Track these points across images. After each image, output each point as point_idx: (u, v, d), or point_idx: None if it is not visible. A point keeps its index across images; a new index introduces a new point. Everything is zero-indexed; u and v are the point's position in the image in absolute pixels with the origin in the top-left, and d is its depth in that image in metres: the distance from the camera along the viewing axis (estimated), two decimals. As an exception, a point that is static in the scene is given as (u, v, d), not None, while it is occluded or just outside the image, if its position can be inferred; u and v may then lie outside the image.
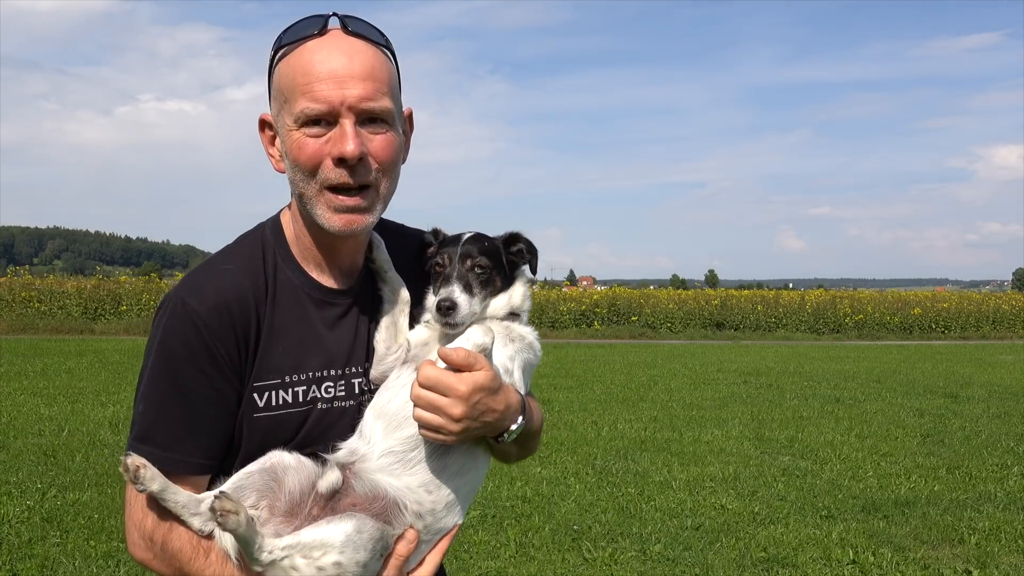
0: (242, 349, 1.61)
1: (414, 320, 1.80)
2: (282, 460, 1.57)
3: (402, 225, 1.95)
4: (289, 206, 1.77)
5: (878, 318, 30.60)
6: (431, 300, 1.74)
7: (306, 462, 1.59)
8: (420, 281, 1.80)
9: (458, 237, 1.77)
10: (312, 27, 1.60)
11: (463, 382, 1.51)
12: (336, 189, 1.60)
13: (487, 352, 1.61)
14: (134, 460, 1.50)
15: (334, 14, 1.61)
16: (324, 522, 1.50)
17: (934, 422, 11.18)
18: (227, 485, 1.55)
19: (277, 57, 1.64)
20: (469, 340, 1.61)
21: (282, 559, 1.46)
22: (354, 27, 1.61)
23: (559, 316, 27.18)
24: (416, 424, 1.57)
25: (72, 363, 15.36)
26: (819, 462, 8.65)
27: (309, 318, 1.69)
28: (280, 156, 1.67)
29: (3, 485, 6.96)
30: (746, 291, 36.29)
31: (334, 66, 1.56)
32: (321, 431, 1.67)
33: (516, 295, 1.80)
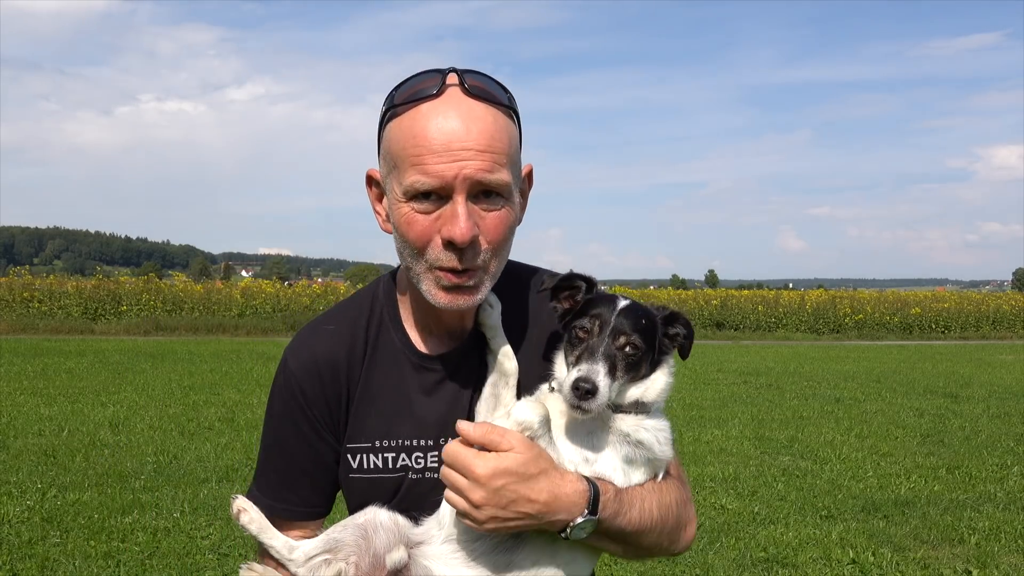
0: (334, 410, 1.62)
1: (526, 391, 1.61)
2: (376, 518, 1.56)
3: (520, 266, 1.75)
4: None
5: (878, 318, 30.61)
6: (563, 372, 1.52)
7: (401, 522, 1.57)
8: (535, 327, 1.65)
9: (612, 301, 1.52)
10: (429, 86, 1.46)
11: (482, 464, 1.36)
12: (445, 269, 1.50)
13: (531, 431, 1.41)
14: (239, 504, 1.57)
15: (452, 69, 1.48)
16: None
17: (934, 422, 11.18)
18: (321, 537, 1.57)
19: (389, 115, 1.51)
20: (511, 416, 1.43)
21: None
22: (473, 85, 1.47)
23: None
24: None
25: (72, 363, 15.36)
26: (819, 462, 8.65)
27: (405, 383, 1.63)
28: (387, 217, 1.58)
29: (3, 485, 6.96)
30: (746, 291, 36.28)
31: (449, 137, 1.42)
32: (415, 499, 1.61)
33: (656, 386, 1.54)
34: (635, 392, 1.51)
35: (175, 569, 5.26)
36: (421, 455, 1.61)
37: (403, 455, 1.61)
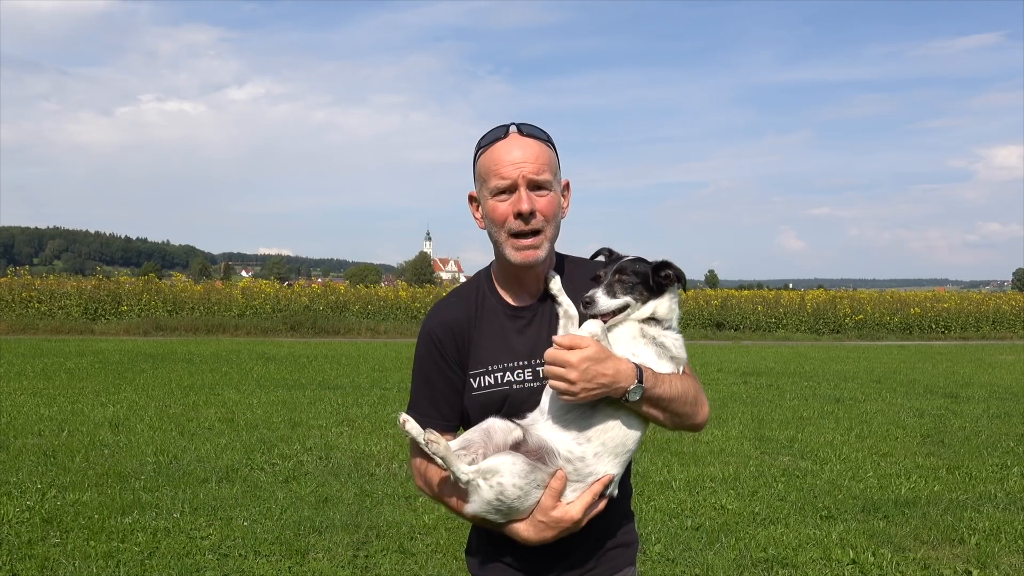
0: (462, 350, 2.41)
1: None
2: (494, 424, 2.28)
3: (583, 259, 2.57)
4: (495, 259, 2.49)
5: (878, 318, 30.62)
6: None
7: (510, 425, 2.27)
8: (582, 291, 2.38)
9: (619, 258, 2.34)
10: (499, 133, 2.33)
11: (573, 354, 2.10)
12: (517, 235, 2.29)
13: (596, 336, 2.15)
14: (403, 416, 2.25)
15: (512, 124, 2.34)
16: (493, 456, 2.17)
17: (934, 422, 11.18)
18: (458, 439, 2.26)
19: (478, 154, 2.36)
20: (584, 328, 2.21)
21: (472, 479, 2.14)
22: (526, 131, 2.33)
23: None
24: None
25: (72, 363, 15.36)
26: (819, 462, 8.65)
27: (504, 327, 2.43)
28: (481, 219, 2.39)
29: (3, 485, 6.96)
30: (746, 291, 36.29)
31: (514, 156, 2.28)
32: (519, 403, 2.35)
33: (660, 306, 2.31)
34: (647, 310, 2.29)
35: (175, 569, 5.26)
36: (520, 371, 2.37)
37: (507, 373, 2.37)
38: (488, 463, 2.16)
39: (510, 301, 2.46)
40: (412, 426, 2.24)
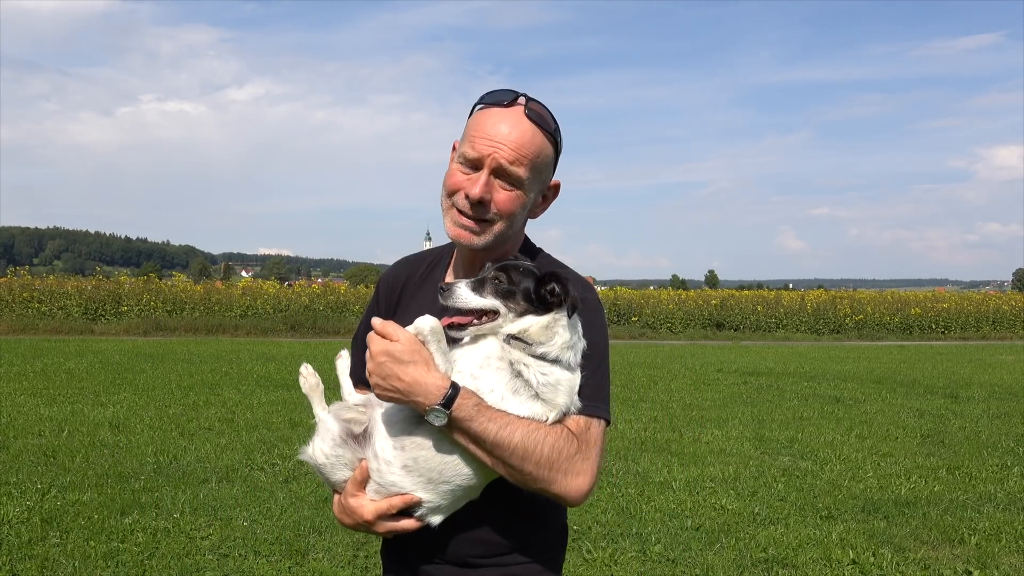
0: (390, 308, 2.32)
1: None
2: None
3: (561, 264, 2.26)
4: None
5: (878, 318, 30.62)
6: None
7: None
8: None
9: (511, 261, 2.02)
10: (504, 97, 2.07)
11: (374, 343, 1.90)
12: (461, 211, 2.07)
13: (421, 336, 1.88)
14: (342, 352, 2.31)
15: (525, 95, 2.07)
16: (329, 416, 2.09)
17: (934, 422, 11.18)
18: (363, 395, 2.15)
19: (476, 108, 2.11)
20: (416, 322, 1.91)
21: (316, 424, 2.10)
22: (532, 111, 2.05)
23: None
24: None
25: (72, 363, 15.36)
26: (819, 462, 8.65)
27: (435, 300, 2.08)
28: None
29: (3, 485, 6.96)
30: (746, 291, 36.31)
31: (497, 132, 2.01)
32: None
33: (535, 325, 1.89)
34: (517, 325, 1.90)
35: (175, 569, 5.26)
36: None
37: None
38: (322, 418, 2.10)
39: (449, 278, 2.26)
40: (341, 363, 2.29)
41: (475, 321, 1.92)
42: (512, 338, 1.90)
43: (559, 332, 1.90)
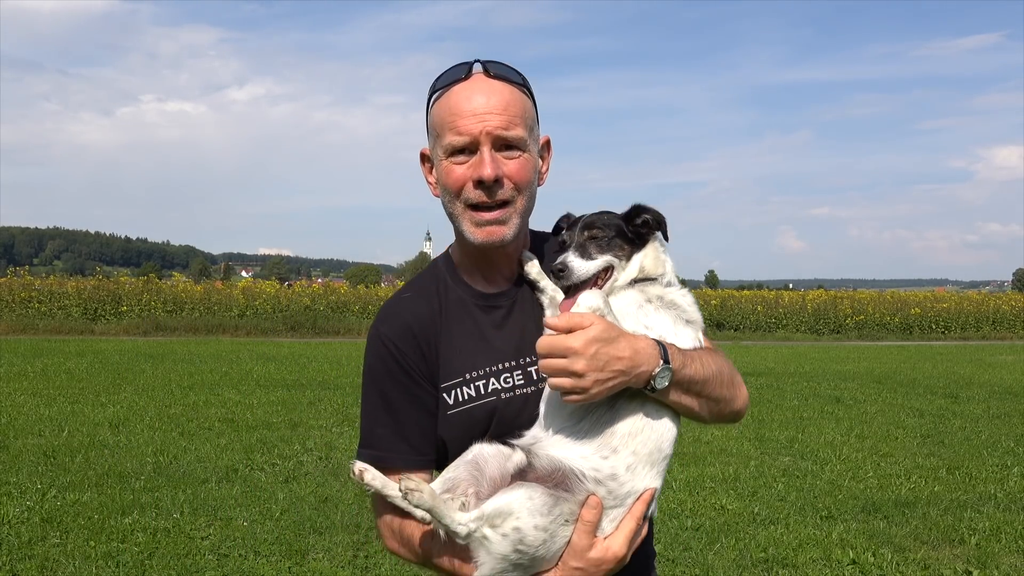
0: (429, 359, 1.90)
1: None
2: (482, 451, 1.78)
3: (540, 233, 2.13)
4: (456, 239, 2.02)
5: (878, 318, 30.61)
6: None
7: (504, 450, 1.78)
8: None
9: (582, 216, 1.92)
10: (459, 73, 1.86)
11: (575, 338, 1.61)
12: (477, 207, 1.83)
13: (599, 311, 1.69)
14: (358, 465, 1.75)
15: (477, 61, 1.87)
16: (500, 493, 1.66)
17: (934, 422, 11.18)
18: (438, 480, 1.77)
19: (432, 100, 1.90)
20: (580, 303, 1.72)
21: (475, 531, 1.62)
22: (494, 70, 1.86)
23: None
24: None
25: (72, 363, 15.36)
26: (819, 462, 8.65)
27: (478, 323, 1.94)
28: (436, 184, 1.92)
29: (3, 485, 6.96)
30: (746, 292, 36.29)
31: (475, 104, 1.81)
32: (511, 417, 1.87)
33: (647, 259, 1.88)
34: (634, 266, 1.87)
35: (175, 570, 5.26)
36: (508, 375, 1.88)
37: (491, 379, 1.88)
38: (493, 504, 1.64)
39: (479, 288, 1.97)
40: (373, 475, 1.74)
41: (599, 282, 1.85)
42: (636, 281, 1.88)
43: (666, 257, 1.92)
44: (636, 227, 1.88)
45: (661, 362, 1.68)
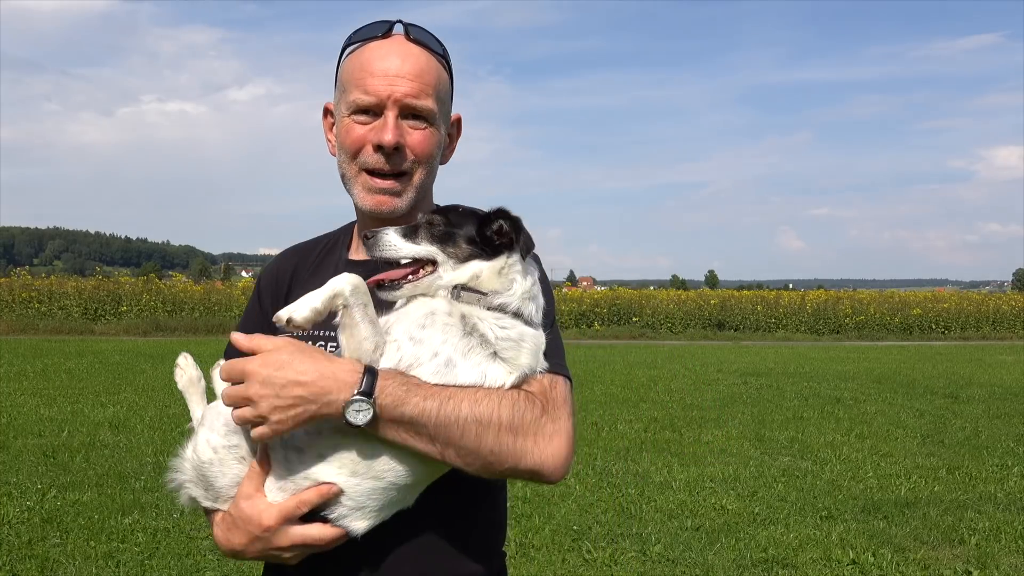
0: (277, 304, 1.78)
1: None
2: None
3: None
4: None
5: (878, 319, 30.60)
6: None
7: None
8: None
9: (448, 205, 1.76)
10: (378, 30, 1.79)
11: (253, 360, 1.47)
12: (372, 172, 1.78)
13: (340, 298, 1.47)
14: (179, 360, 2.11)
15: (399, 21, 1.79)
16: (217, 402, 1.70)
17: (934, 422, 11.18)
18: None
19: (345, 52, 1.84)
20: (328, 284, 1.51)
21: (193, 426, 1.79)
22: (415, 35, 1.79)
23: (559, 317, 27.13)
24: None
25: (72, 364, 15.36)
26: (819, 462, 8.65)
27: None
28: (335, 141, 1.86)
29: (3, 485, 6.96)
30: (746, 292, 36.28)
31: (388, 65, 1.74)
32: None
33: (488, 271, 1.57)
34: (467, 270, 1.58)
35: (175, 570, 5.26)
36: (323, 343, 1.75)
37: (309, 341, 1.68)
38: (210, 407, 1.72)
39: (351, 256, 1.93)
40: (184, 372, 2.03)
41: (410, 276, 1.58)
42: (463, 289, 1.58)
43: (516, 278, 1.59)
44: (488, 235, 1.60)
45: (356, 393, 1.42)
